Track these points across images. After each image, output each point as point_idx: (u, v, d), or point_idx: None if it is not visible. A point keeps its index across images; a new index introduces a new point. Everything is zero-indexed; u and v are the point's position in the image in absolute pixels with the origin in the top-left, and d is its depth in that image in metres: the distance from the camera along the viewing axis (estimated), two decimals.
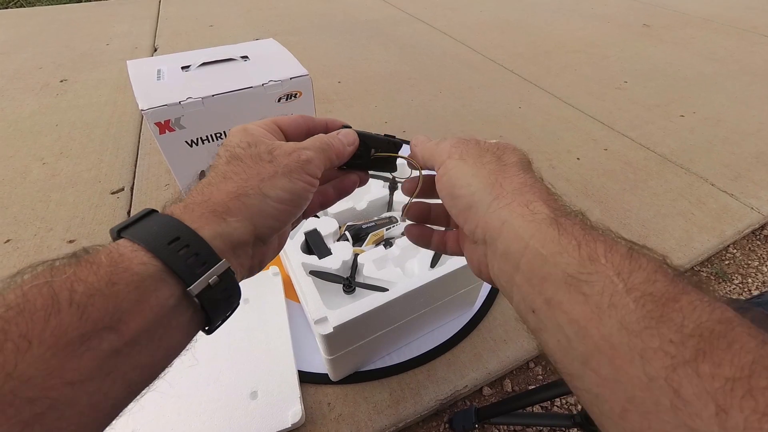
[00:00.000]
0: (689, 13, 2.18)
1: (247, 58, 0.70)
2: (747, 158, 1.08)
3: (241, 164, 0.23)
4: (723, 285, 0.82)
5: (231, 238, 0.21)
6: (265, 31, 1.90)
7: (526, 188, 0.21)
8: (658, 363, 0.14)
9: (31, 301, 0.15)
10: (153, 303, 0.17)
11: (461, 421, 0.57)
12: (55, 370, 0.15)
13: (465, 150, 0.23)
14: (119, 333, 0.16)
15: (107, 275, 0.17)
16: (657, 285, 0.16)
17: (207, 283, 0.19)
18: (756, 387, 0.13)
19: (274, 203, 0.22)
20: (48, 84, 1.42)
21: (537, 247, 0.18)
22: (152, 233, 0.19)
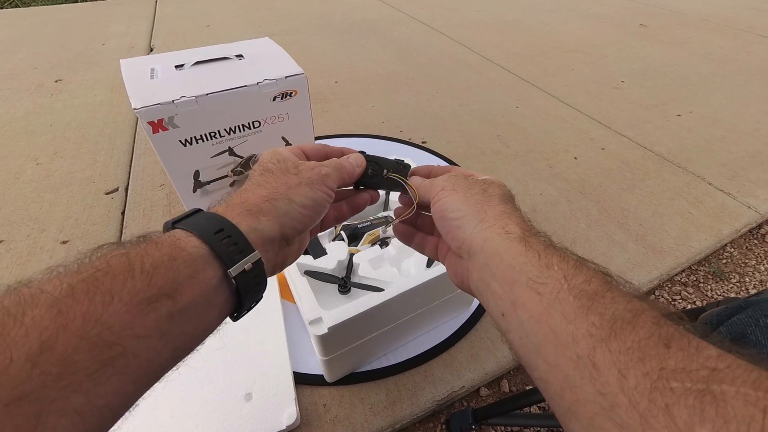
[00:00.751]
0: (686, 13, 2.19)
1: (241, 56, 0.70)
2: (744, 157, 1.08)
3: (272, 176, 0.28)
4: (721, 284, 0.82)
5: (263, 234, 0.25)
6: (262, 31, 1.90)
7: (504, 215, 0.26)
8: (584, 343, 0.18)
9: (114, 266, 0.19)
10: (201, 279, 0.21)
11: (458, 422, 0.56)
12: (128, 324, 0.18)
13: (456, 183, 0.28)
14: (175, 300, 0.20)
15: (169, 252, 0.21)
16: (592, 285, 0.20)
17: (243, 268, 0.23)
18: (647, 355, 0.16)
19: (298, 207, 0.26)
20: (43, 84, 1.41)
21: (509, 259, 0.23)
22: (201, 225, 0.23)
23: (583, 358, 0.18)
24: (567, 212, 0.90)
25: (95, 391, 0.17)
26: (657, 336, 0.17)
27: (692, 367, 0.15)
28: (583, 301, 0.19)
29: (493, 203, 0.26)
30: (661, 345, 0.16)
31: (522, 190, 0.94)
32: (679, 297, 0.79)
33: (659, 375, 0.15)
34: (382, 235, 0.63)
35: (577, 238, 0.83)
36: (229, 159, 0.68)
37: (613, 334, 0.17)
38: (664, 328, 0.17)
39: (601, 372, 0.17)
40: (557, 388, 0.19)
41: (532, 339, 0.20)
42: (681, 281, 0.82)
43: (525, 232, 0.24)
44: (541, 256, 0.22)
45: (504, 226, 0.25)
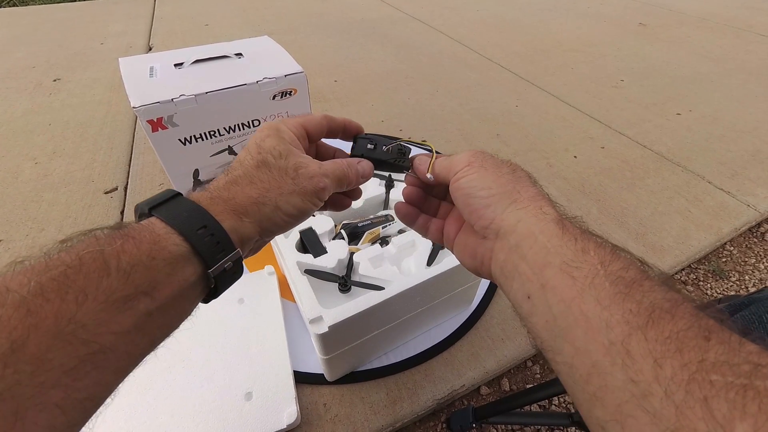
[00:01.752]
0: (685, 12, 2.19)
1: (241, 55, 0.70)
2: (743, 156, 1.08)
3: (268, 173, 0.26)
4: (720, 282, 0.82)
5: (243, 235, 0.24)
6: (261, 30, 1.89)
7: (538, 197, 0.25)
8: (618, 329, 0.17)
9: (87, 264, 0.18)
10: (180, 278, 0.21)
11: (459, 421, 0.56)
12: (104, 322, 0.18)
13: (484, 160, 0.27)
14: (153, 298, 0.20)
15: (148, 251, 0.20)
16: (629, 272, 0.19)
17: (223, 267, 0.23)
18: (685, 346, 0.16)
19: (283, 215, 0.26)
20: (41, 83, 1.41)
21: (544, 241, 0.22)
22: (183, 218, 0.22)
23: (616, 344, 0.17)
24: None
25: (75, 385, 0.17)
26: (697, 327, 0.16)
27: (734, 361, 0.15)
28: (619, 288, 0.19)
29: (525, 184, 0.25)
30: (701, 337, 0.16)
31: None
32: None
33: (698, 367, 0.15)
34: (382, 234, 0.63)
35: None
36: (229, 158, 0.68)
37: (651, 323, 0.17)
38: (704, 320, 0.16)
39: (635, 360, 0.16)
40: (583, 373, 0.18)
41: (560, 323, 0.20)
42: (681, 280, 0.82)
43: (559, 215, 0.24)
44: (578, 240, 0.21)
45: (540, 207, 0.24)
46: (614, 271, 0.19)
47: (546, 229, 0.22)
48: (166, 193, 0.24)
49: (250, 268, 0.73)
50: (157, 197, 0.23)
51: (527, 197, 0.25)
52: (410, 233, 0.59)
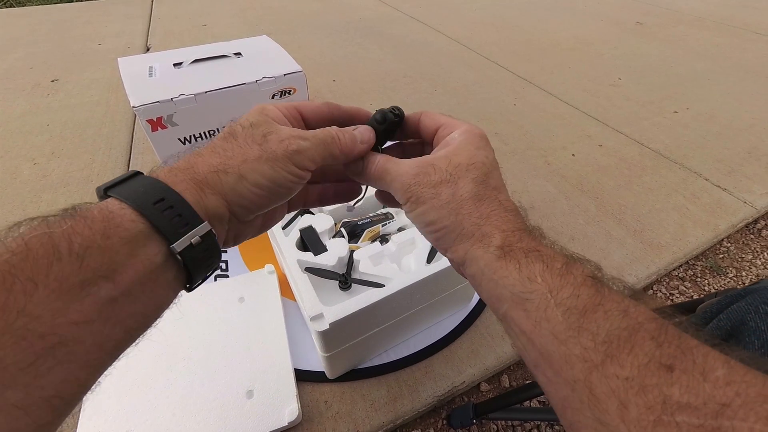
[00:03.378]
0: (682, 11, 2.20)
1: (240, 54, 0.70)
2: (740, 153, 1.09)
3: (234, 142, 0.23)
4: (718, 278, 0.83)
5: (208, 210, 0.21)
6: (259, 30, 1.89)
7: (481, 221, 0.23)
8: (579, 367, 0.17)
9: (34, 249, 0.16)
10: (143, 257, 0.19)
11: (459, 417, 0.57)
12: (60, 311, 0.16)
13: (420, 190, 0.24)
14: (115, 283, 0.18)
15: (101, 230, 0.18)
16: (580, 299, 0.18)
17: (189, 242, 0.20)
18: (647, 384, 0.15)
19: (249, 186, 0.22)
20: (39, 84, 1.40)
21: (489, 274, 0.21)
22: (138, 193, 0.20)
23: (579, 382, 0.17)
24: (565, 208, 0.90)
25: (36, 383, 0.15)
26: (657, 359, 0.15)
27: (699, 400, 0.14)
28: (572, 320, 0.18)
29: (466, 207, 0.23)
30: (663, 369, 0.15)
31: (520, 187, 0.94)
32: (676, 292, 0.80)
33: (663, 408, 0.14)
34: (381, 232, 0.63)
35: (575, 234, 0.84)
36: None
37: (609, 359, 0.16)
38: (664, 346, 0.16)
39: (600, 400, 0.16)
40: (558, 404, 0.18)
41: (528, 353, 0.20)
42: (678, 276, 0.83)
43: (505, 239, 0.22)
44: (521, 268, 0.20)
45: (481, 237, 0.22)
46: (564, 299, 0.18)
47: (489, 262, 0.21)
48: (126, 174, 0.22)
49: (251, 267, 0.73)
50: (116, 178, 0.21)
51: (469, 226, 0.23)
52: (410, 231, 0.59)
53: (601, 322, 0.17)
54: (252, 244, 0.77)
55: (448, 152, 0.25)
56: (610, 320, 0.17)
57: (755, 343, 0.25)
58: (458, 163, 0.24)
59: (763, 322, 0.25)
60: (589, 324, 0.17)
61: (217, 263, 0.23)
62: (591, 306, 0.18)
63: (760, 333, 0.25)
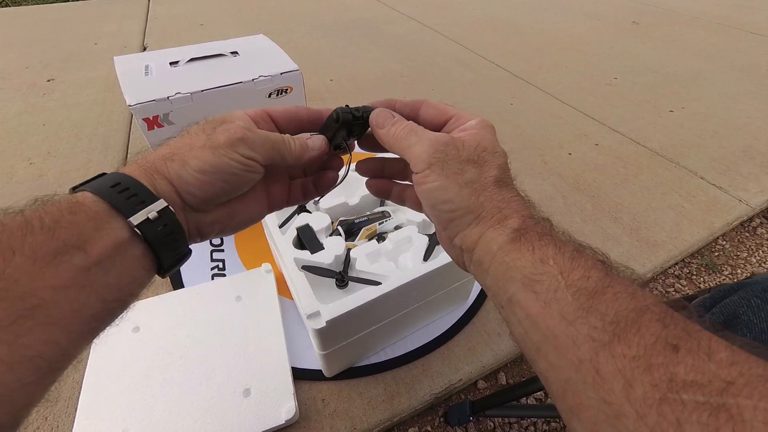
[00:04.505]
0: (677, 11, 2.21)
1: (236, 53, 0.70)
2: (735, 152, 1.09)
3: (187, 135, 0.25)
4: (713, 276, 0.83)
5: (161, 194, 0.23)
6: (256, 29, 1.89)
7: (503, 203, 0.23)
8: (586, 347, 0.17)
9: (8, 225, 0.18)
10: (109, 232, 0.20)
11: (456, 415, 0.57)
12: (37, 275, 0.17)
13: (445, 162, 0.24)
14: (86, 253, 0.19)
15: (67, 208, 0.20)
16: (590, 281, 0.19)
17: (146, 216, 0.21)
18: (654, 363, 0.15)
19: (192, 172, 0.23)
20: (35, 84, 1.40)
21: (502, 256, 0.22)
22: (97, 182, 0.22)
23: (585, 362, 0.17)
24: (562, 207, 0.90)
25: (18, 342, 0.16)
26: (664, 339, 0.16)
27: (705, 378, 0.14)
28: (581, 301, 0.18)
29: (490, 191, 0.23)
30: (669, 349, 0.15)
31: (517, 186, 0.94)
32: (672, 289, 0.80)
33: (669, 386, 0.14)
34: (378, 230, 0.63)
35: (572, 232, 0.83)
36: None
37: (617, 338, 0.16)
38: (670, 328, 0.16)
39: (606, 379, 0.16)
40: (559, 388, 0.18)
41: (531, 336, 0.20)
42: (674, 274, 0.83)
43: (523, 223, 0.22)
44: (535, 250, 0.21)
45: (501, 219, 0.23)
46: (575, 281, 0.19)
47: (504, 243, 0.22)
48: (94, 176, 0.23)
49: (248, 266, 0.73)
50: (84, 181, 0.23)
51: (490, 209, 0.23)
52: (407, 229, 0.59)
53: (609, 303, 0.17)
54: (249, 243, 0.77)
55: (473, 135, 0.25)
56: (619, 301, 0.17)
57: (747, 336, 0.25)
58: (485, 148, 0.24)
59: (755, 315, 0.26)
60: (599, 305, 0.18)
61: (184, 246, 0.24)
62: (600, 288, 0.18)
63: (753, 326, 0.25)
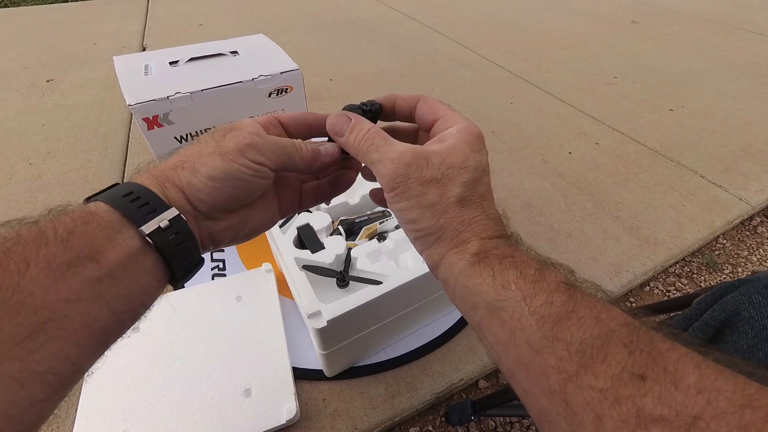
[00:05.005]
0: (677, 10, 2.21)
1: (236, 53, 0.70)
2: (735, 151, 1.09)
3: (196, 143, 0.25)
4: (714, 275, 0.83)
5: (169, 201, 0.23)
6: (256, 29, 1.89)
7: (462, 227, 0.23)
8: (554, 378, 0.17)
9: (24, 236, 0.18)
10: (121, 242, 0.20)
11: (457, 414, 0.57)
12: (51, 288, 0.17)
13: (407, 186, 0.23)
14: (99, 263, 0.19)
15: (81, 218, 0.20)
16: (554, 306, 0.18)
17: (158, 225, 0.21)
18: (621, 396, 0.15)
19: (203, 179, 0.23)
20: (34, 84, 1.39)
21: (464, 281, 0.21)
22: (110, 192, 0.22)
23: (555, 393, 0.17)
24: (562, 206, 0.90)
25: (31, 358, 0.16)
26: (630, 369, 0.15)
27: (672, 412, 0.14)
28: (546, 330, 0.18)
29: (451, 211, 0.23)
30: (636, 379, 0.15)
31: (517, 185, 0.94)
32: (673, 288, 0.80)
33: (637, 422, 0.14)
34: (379, 230, 0.63)
35: (572, 232, 0.84)
36: None
37: (583, 369, 0.16)
38: (636, 354, 0.16)
39: (576, 412, 0.16)
40: (535, 416, 0.18)
41: (504, 362, 0.19)
42: (675, 273, 0.83)
43: (482, 246, 0.22)
44: (495, 275, 0.20)
45: (460, 243, 0.22)
46: (538, 307, 0.18)
47: (464, 268, 0.21)
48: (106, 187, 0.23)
49: (248, 266, 0.73)
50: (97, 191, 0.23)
51: (450, 231, 0.23)
52: None
53: (574, 330, 0.17)
54: (249, 242, 0.77)
55: (444, 149, 0.24)
56: (584, 328, 0.17)
57: (749, 332, 0.25)
58: (452, 164, 0.23)
59: (756, 311, 0.26)
60: (563, 333, 0.17)
61: (196, 254, 0.23)
62: (564, 313, 0.18)
63: (754, 323, 0.25)
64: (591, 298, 0.19)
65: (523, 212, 0.87)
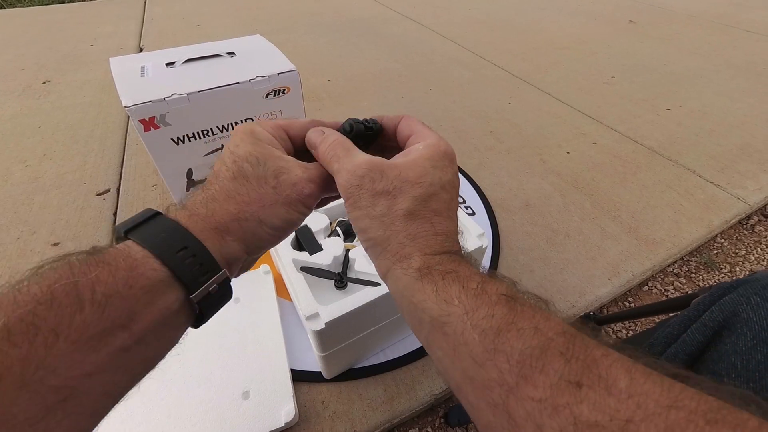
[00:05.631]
0: (674, 10, 2.22)
1: (233, 54, 0.69)
2: (732, 150, 1.10)
3: (246, 185, 0.24)
4: (712, 274, 0.83)
5: (228, 256, 0.23)
6: (253, 30, 1.88)
7: (407, 241, 0.23)
8: (497, 391, 0.17)
9: (58, 299, 0.16)
10: (161, 306, 0.19)
11: (457, 415, 0.57)
12: (77, 363, 0.16)
13: (359, 197, 0.23)
14: (131, 331, 0.18)
15: (124, 279, 0.18)
16: (494, 319, 0.18)
17: (208, 291, 0.21)
18: (559, 404, 0.15)
19: (268, 230, 0.24)
20: (30, 85, 1.39)
21: (409, 297, 0.22)
22: (161, 240, 0.20)
23: (499, 406, 0.17)
24: (561, 206, 0.90)
25: None
26: (566, 377, 0.16)
27: (605, 418, 0.15)
28: (487, 342, 0.18)
29: (397, 225, 0.23)
30: (573, 386, 0.16)
31: (516, 185, 0.94)
32: (671, 287, 0.81)
33: (574, 429, 0.15)
34: None
35: (570, 231, 0.84)
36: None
37: (523, 380, 0.17)
38: (572, 362, 0.16)
39: (519, 424, 0.16)
40: (483, 429, 0.18)
41: (451, 376, 0.20)
42: (673, 272, 0.83)
43: (425, 262, 0.22)
44: (438, 290, 0.20)
45: (403, 257, 0.22)
46: (479, 321, 0.19)
47: (408, 283, 0.22)
48: (144, 213, 0.22)
49: None
50: (134, 218, 0.21)
51: (395, 244, 0.23)
52: None
53: (514, 342, 0.17)
54: None
55: (403, 163, 0.24)
56: (523, 339, 0.17)
57: (747, 334, 0.25)
58: (406, 178, 0.23)
59: (754, 313, 0.26)
60: (504, 345, 0.18)
61: (228, 301, 0.24)
62: (505, 325, 0.18)
63: (752, 324, 0.25)
64: (530, 309, 0.19)
65: (521, 212, 0.87)
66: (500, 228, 0.83)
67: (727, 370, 0.26)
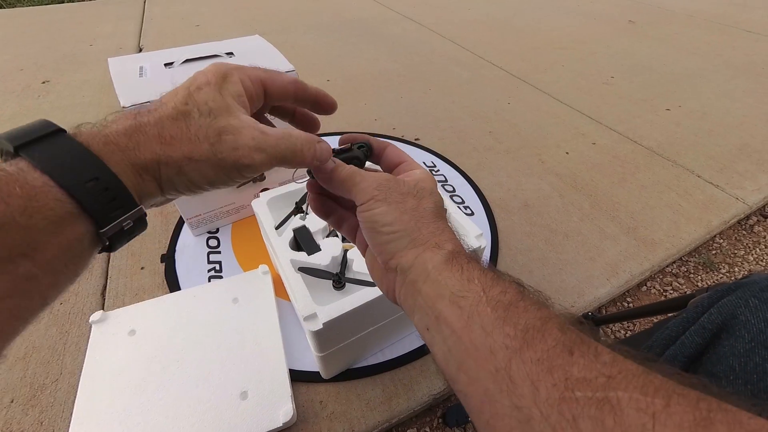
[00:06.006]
0: (673, 10, 2.22)
1: (232, 54, 0.69)
2: (731, 150, 1.10)
3: (184, 130, 0.21)
4: (711, 274, 0.84)
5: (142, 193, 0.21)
6: (252, 30, 1.88)
7: (438, 232, 0.26)
8: (501, 354, 0.19)
9: None
10: (68, 236, 0.18)
11: (455, 416, 0.57)
12: None
13: (389, 192, 0.26)
14: (34, 260, 0.17)
15: (21, 207, 0.16)
16: (507, 295, 0.21)
17: (121, 227, 0.20)
18: (554, 365, 0.17)
19: (186, 181, 0.22)
20: (29, 86, 1.39)
21: (435, 275, 0.23)
22: (66, 166, 0.18)
23: (501, 371, 0.18)
24: (560, 206, 0.90)
25: None
26: (562, 344, 0.18)
27: (592, 375, 0.16)
28: (499, 312, 0.20)
29: (427, 219, 0.26)
30: (566, 352, 0.17)
31: (515, 185, 0.94)
32: (670, 288, 0.81)
33: (566, 385, 0.16)
34: None
35: (569, 232, 0.84)
36: None
37: (526, 344, 0.18)
38: (567, 334, 0.18)
39: (517, 384, 0.17)
40: (477, 402, 0.19)
41: (454, 354, 0.21)
42: (672, 272, 0.83)
43: (456, 247, 0.25)
44: (464, 270, 0.23)
45: (437, 243, 0.25)
46: (494, 295, 0.21)
47: (438, 263, 0.23)
48: (41, 127, 0.19)
49: (244, 268, 0.73)
50: (26, 129, 0.19)
51: (427, 233, 0.25)
52: None
53: (521, 313, 0.20)
54: (246, 244, 0.76)
55: (414, 178, 0.28)
56: (529, 312, 0.20)
57: (745, 336, 0.25)
58: (423, 187, 0.27)
59: (752, 315, 0.26)
60: (512, 315, 0.20)
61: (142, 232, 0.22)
62: (515, 301, 0.20)
63: (750, 326, 0.25)
64: (536, 295, 0.22)
65: (520, 212, 0.87)
66: (499, 228, 0.83)
67: (725, 372, 0.26)
